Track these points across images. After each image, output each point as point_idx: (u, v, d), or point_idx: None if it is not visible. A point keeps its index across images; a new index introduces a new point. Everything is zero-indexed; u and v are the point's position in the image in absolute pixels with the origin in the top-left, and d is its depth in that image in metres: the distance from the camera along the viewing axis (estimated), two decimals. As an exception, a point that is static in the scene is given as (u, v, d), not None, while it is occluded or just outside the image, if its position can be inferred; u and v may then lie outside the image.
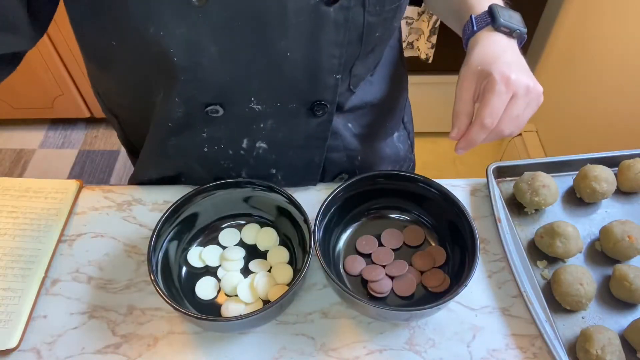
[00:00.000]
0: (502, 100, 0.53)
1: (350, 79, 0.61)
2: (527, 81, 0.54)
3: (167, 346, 0.59)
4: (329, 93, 0.58)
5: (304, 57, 0.53)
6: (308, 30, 0.51)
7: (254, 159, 0.66)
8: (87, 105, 1.94)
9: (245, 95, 0.57)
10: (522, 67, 0.56)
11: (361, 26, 0.54)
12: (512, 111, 0.54)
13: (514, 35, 0.58)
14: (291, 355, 0.58)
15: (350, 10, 0.51)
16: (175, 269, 0.62)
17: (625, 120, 1.25)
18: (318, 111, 0.60)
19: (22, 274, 0.62)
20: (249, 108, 0.58)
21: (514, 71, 0.54)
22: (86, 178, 1.92)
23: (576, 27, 1.46)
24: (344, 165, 0.73)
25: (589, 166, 0.70)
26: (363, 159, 0.73)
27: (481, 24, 0.58)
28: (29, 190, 0.71)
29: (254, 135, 0.63)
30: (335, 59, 0.54)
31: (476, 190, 0.73)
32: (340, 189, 0.62)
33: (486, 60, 0.55)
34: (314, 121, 0.61)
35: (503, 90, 0.53)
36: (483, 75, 0.55)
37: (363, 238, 0.65)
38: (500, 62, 0.54)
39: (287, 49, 0.52)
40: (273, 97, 0.58)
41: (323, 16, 0.50)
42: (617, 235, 0.63)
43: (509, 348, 0.59)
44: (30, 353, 0.58)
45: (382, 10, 0.54)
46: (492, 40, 0.57)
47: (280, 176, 0.70)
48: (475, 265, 0.55)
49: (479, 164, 1.90)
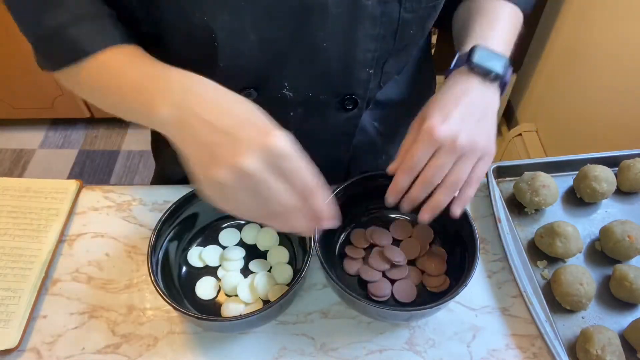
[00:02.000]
0: (423, 151, 0.50)
1: (382, 76, 0.61)
2: (460, 135, 0.49)
3: (167, 346, 0.59)
4: (360, 87, 0.59)
5: (339, 49, 0.54)
6: (346, 22, 0.52)
7: None
8: (87, 105, 1.94)
9: (279, 81, 0.58)
10: (473, 118, 0.51)
11: (396, 22, 0.54)
12: (434, 164, 0.50)
13: (490, 78, 0.53)
14: (291, 355, 0.58)
15: (387, 5, 0.52)
16: (175, 269, 0.62)
17: (625, 120, 1.25)
18: (348, 105, 0.60)
19: (22, 274, 0.63)
20: (281, 94, 0.59)
21: (450, 121, 0.50)
22: (86, 178, 1.92)
23: (576, 27, 1.46)
24: (370, 164, 0.73)
25: (589, 166, 0.70)
26: (387, 158, 0.74)
27: (459, 63, 0.55)
28: (29, 190, 0.71)
29: (283, 123, 0.62)
30: (370, 52, 0.55)
31: (476, 190, 0.73)
32: (340, 189, 0.62)
33: (437, 103, 0.52)
34: (343, 115, 0.62)
35: (425, 140, 0.50)
36: (424, 119, 0.52)
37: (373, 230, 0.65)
38: (442, 108, 0.51)
39: (324, 40, 0.53)
40: (306, 85, 0.58)
41: (361, 9, 0.51)
42: (617, 235, 0.63)
43: (509, 348, 0.59)
44: (30, 353, 0.58)
45: (418, 7, 0.54)
46: (459, 81, 0.54)
47: None
48: (475, 265, 0.55)
49: (479, 164, 1.90)
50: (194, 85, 0.45)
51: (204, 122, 0.42)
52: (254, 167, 0.40)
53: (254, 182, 0.41)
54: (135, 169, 1.96)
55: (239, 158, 0.40)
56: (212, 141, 0.42)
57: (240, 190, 0.42)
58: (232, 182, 0.41)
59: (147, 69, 0.48)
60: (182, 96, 0.44)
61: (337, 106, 0.61)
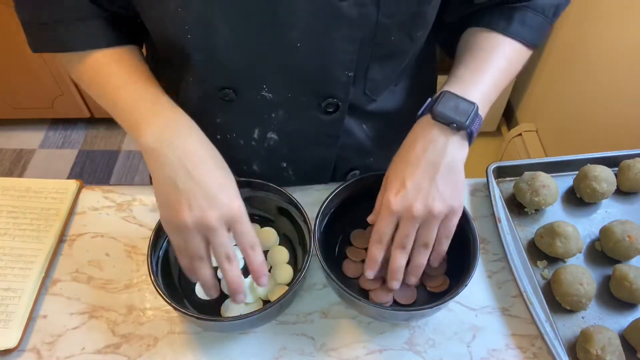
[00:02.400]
0: (386, 224, 0.53)
1: (366, 83, 0.61)
2: (415, 205, 0.52)
3: (167, 346, 0.59)
4: (340, 90, 0.58)
5: (314, 50, 0.54)
6: (319, 23, 0.51)
7: (265, 150, 0.66)
8: (87, 105, 1.94)
9: (257, 81, 0.58)
10: (431, 180, 0.52)
11: (374, 25, 0.53)
12: (399, 234, 0.53)
13: (453, 128, 0.53)
14: (291, 355, 0.58)
15: (365, 7, 0.51)
16: (175, 269, 0.62)
17: (625, 120, 1.25)
18: (329, 108, 0.60)
19: (22, 274, 0.63)
20: (261, 95, 0.59)
21: (405, 192, 0.52)
22: (86, 178, 1.92)
23: (576, 27, 1.46)
24: (355, 162, 0.73)
25: (589, 166, 0.70)
26: (375, 159, 0.73)
27: (425, 110, 0.56)
28: (29, 190, 0.71)
29: (265, 125, 0.63)
30: (348, 54, 0.55)
31: (476, 190, 0.73)
32: (340, 189, 0.62)
33: (396, 168, 0.55)
34: (325, 118, 0.61)
35: (386, 215, 0.53)
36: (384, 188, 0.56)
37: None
38: (399, 175, 0.54)
39: (297, 40, 0.53)
40: (284, 86, 0.58)
41: (335, 10, 0.51)
42: (617, 235, 0.63)
43: (509, 348, 0.59)
44: (30, 353, 0.58)
45: (397, 11, 0.53)
46: (420, 134, 0.55)
47: (291, 171, 0.70)
48: (475, 265, 0.55)
49: (479, 164, 1.90)
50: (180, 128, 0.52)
51: (183, 167, 0.50)
52: (217, 224, 0.49)
53: (211, 233, 0.50)
54: (135, 169, 1.96)
55: (209, 213, 0.49)
56: (188, 189, 0.49)
57: (197, 234, 0.50)
58: (195, 228, 0.49)
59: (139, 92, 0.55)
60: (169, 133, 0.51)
61: (318, 108, 0.60)
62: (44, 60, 1.72)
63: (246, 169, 0.69)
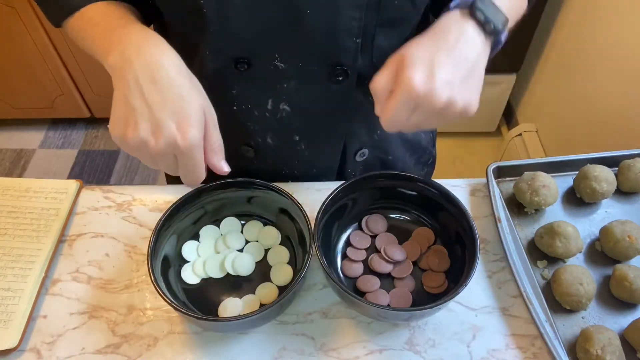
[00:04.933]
0: (401, 109, 0.48)
1: (373, 50, 0.62)
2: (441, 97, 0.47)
3: (167, 346, 0.59)
4: (348, 57, 0.59)
5: (323, 16, 0.55)
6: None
7: (278, 122, 0.67)
8: (87, 105, 1.94)
9: (269, 51, 0.59)
10: (460, 74, 0.48)
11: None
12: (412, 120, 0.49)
13: (487, 29, 0.50)
14: (291, 355, 0.58)
15: None
16: (175, 268, 0.62)
17: (625, 120, 1.25)
18: (339, 76, 0.61)
19: (22, 274, 0.63)
20: (273, 65, 0.60)
21: (435, 79, 0.47)
22: (86, 178, 1.92)
23: (576, 27, 1.46)
24: (364, 139, 0.73)
25: (589, 166, 0.70)
26: (382, 134, 0.74)
27: (461, 4, 0.52)
28: (29, 190, 0.71)
29: (278, 96, 0.64)
30: (355, 21, 0.56)
31: (476, 190, 0.73)
32: (341, 189, 0.62)
33: (425, 47, 0.49)
34: (334, 87, 0.62)
35: (405, 97, 0.47)
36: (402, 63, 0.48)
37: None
38: (429, 58, 0.48)
39: (306, 7, 0.54)
40: (295, 55, 0.59)
41: None
42: (617, 235, 0.63)
43: (509, 348, 0.59)
44: (30, 353, 0.58)
45: None
46: (454, 25, 0.50)
47: (303, 145, 0.70)
48: (475, 265, 0.55)
49: (479, 164, 1.91)
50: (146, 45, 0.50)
51: (137, 84, 0.47)
52: (159, 152, 0.47)
53: (151, 156, 0.48)
54: (135, 169, 1.96)
55: (152, 138, 0.47)
56: (138, 108, 0.47)
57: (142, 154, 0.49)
58: (137, 147, 0.48)
59: (117, 22, 0.54)
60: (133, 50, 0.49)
61: (328, 77, 0.61)
62: (44, 60, 1.72)
63: (261, 142, 0.69)
